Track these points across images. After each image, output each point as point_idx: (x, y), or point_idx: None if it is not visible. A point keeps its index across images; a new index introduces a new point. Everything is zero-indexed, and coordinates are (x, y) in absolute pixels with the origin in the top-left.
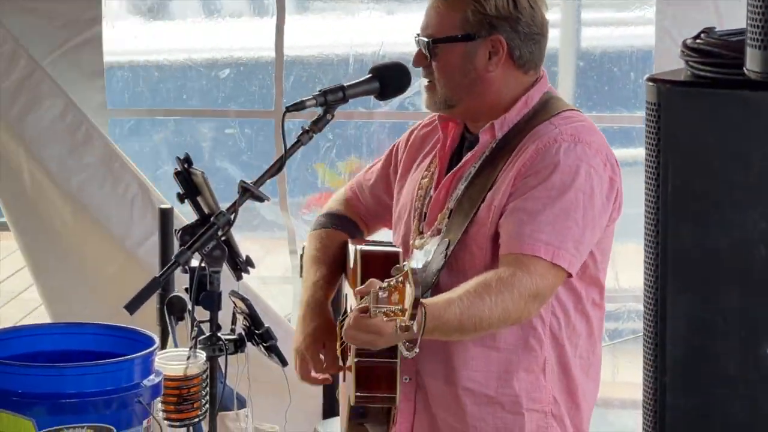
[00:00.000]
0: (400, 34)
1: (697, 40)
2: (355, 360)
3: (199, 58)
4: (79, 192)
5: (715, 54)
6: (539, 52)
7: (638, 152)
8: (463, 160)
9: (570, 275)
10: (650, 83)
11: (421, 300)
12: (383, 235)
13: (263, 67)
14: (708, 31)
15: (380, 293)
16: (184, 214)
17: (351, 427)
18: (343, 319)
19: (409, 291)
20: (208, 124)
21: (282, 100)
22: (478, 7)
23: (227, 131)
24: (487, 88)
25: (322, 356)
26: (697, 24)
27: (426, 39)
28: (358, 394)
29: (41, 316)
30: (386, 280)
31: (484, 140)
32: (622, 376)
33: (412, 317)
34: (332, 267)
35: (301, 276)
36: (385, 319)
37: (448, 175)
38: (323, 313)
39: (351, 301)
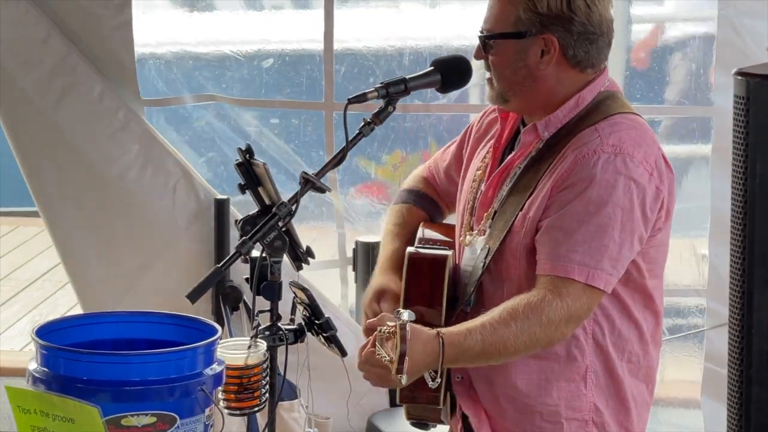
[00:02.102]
0: (441, 27)
1: None
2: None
3: (238, 48)
4: (119, 179)
5: None
6: (596, 51)
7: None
8: (508, 159)
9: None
10: (739, 77)
11: (439, 331)
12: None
13: (309, 58)
14: None
15: (382, 336)
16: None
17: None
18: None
19: (398, 347)
20: (251, 113)
21: (332, 91)
22: (530, 5)
23: (272, 120)
24: (539, 86)
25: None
26: (756, 15)
27: (482, 34)
28: (404, 393)
29: None
30: (388, 324)
31: (526, 140)
32: (669, 374)
33: (399, 371)
34: (406, 246)
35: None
36: (383, 361)
37: (495, 172)
38: (389, 273)
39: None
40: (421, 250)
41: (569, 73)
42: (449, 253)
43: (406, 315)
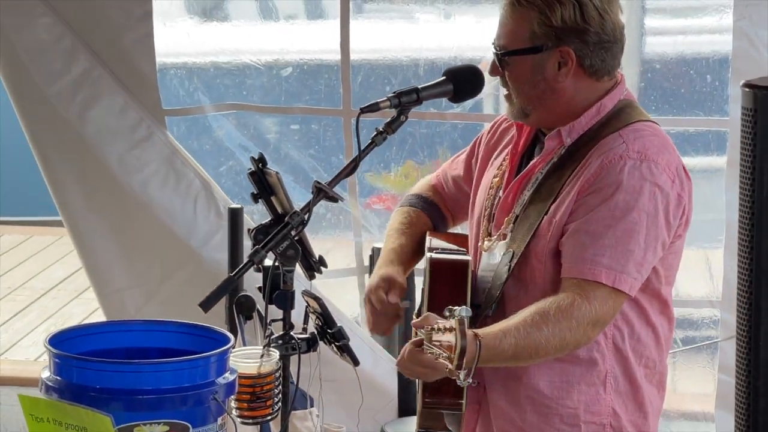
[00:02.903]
0: (456, 38)
1: None
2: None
3: (258, 57)
4: (142, 190)
5: None
6: (611, 59)
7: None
8: (530, 164)
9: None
10: (746, 89)
11: (476, 333)
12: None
13: (327, 68)
14: None
15: (433, 333)
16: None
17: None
18: (419, 315)
19: (458, 342)
20: (272, 119)
21: (350, 99)
22: (544, 20)
23: (293, 126)
24: (558, 99)
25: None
26: None
27: (496, 51)
28: (426, 399)
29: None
30: (440, 321)
31: (550, 146)
32: (683, 386)
33: (458, 367)
34: (413, 245)
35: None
36: (435, 360)
37: (516, 178)
38: (395, 265)
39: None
40: (442, 256)
41: (586, 82)
42: (469, 258)
43: (464, 311)
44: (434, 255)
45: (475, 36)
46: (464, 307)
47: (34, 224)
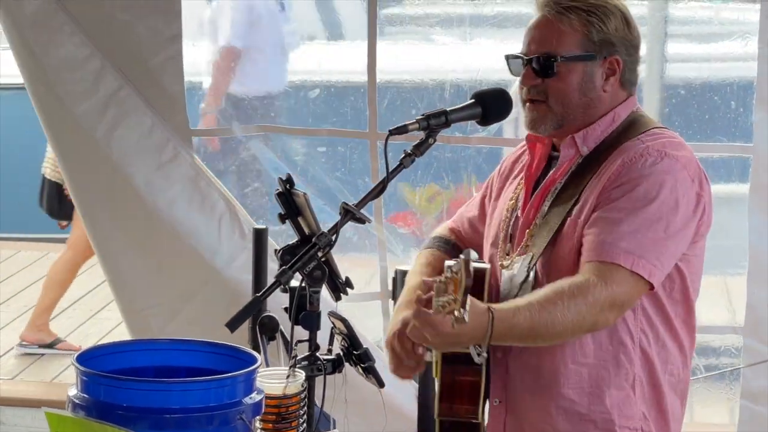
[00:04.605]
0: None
1: None
2: (441, 372)
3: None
4: (167, 210)
5: None
6: (637, 73)
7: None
8: (548, 176)
9: (652, 287)
10: None
11: (489, 306)
12: None
13: (353, 90)
14: None
15: (440, 285)
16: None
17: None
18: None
19: (462, 280)
20: (299, 141)
21: (376, 121)
22: (602, 27)
23: (319, 149)
24: (598, 108)
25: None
26: None
27: (542, 57)
28: (442, 405)
29: (121, 334)
30: (445, 274)
31: (566, 153)
32: (701, 414)
33: (463, 304)
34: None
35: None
36: (442, 311)
37: (536, 193)
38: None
39: None
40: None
41: (619, 94)
42: (488, 266)
43: (468, 253)
44: (450, 262)
45: (500, 59)
46: (468, 249)
47: (50, 241)
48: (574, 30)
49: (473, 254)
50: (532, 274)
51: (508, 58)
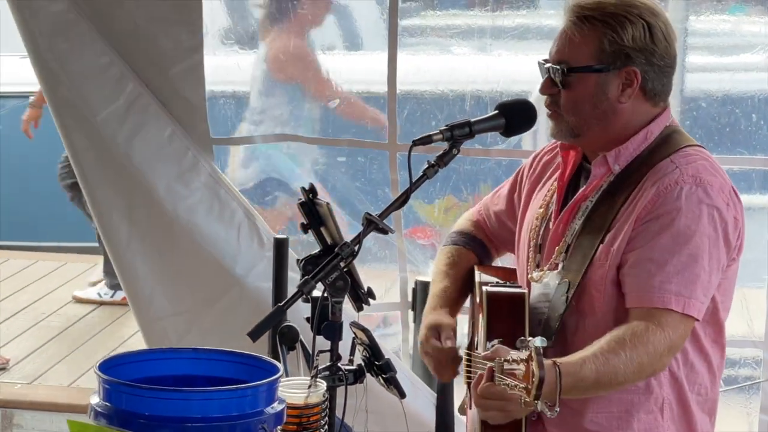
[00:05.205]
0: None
1: None
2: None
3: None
4: (187, 218)
5: None
6: (669, 84)
7: (750, 199)
8: (579, 192)
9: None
10: None
11: (555, 360)
12: (508, 260)
13: (374, 100)
14: None
15: (505, 365)
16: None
17: None
18: (469, 351)
19: (535, 372)
20: (319, 151)
21: (395, 133)
22: (615, 38)
23: (339, 159)
24: (616, 120)
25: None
26: None
27: (558, 67)
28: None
29: (137, 343)
30: (512, 353)
31: (597, 172)
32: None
33: (537, 397)
34: (458, 284)
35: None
36: (509, 391)
37: (566, 208)
38: (440, 309)
39: (480, 335)
40: (497, 289)
41: (644, 106)
42: (525, 291)
43: (539, 341)
44: (489, 289)
45: (522, 71)
46: (539, 337)
47: (67, 251)
48: (588, 40)
49: (544, 341)
50: (568, 301)
51: (539, 63)
